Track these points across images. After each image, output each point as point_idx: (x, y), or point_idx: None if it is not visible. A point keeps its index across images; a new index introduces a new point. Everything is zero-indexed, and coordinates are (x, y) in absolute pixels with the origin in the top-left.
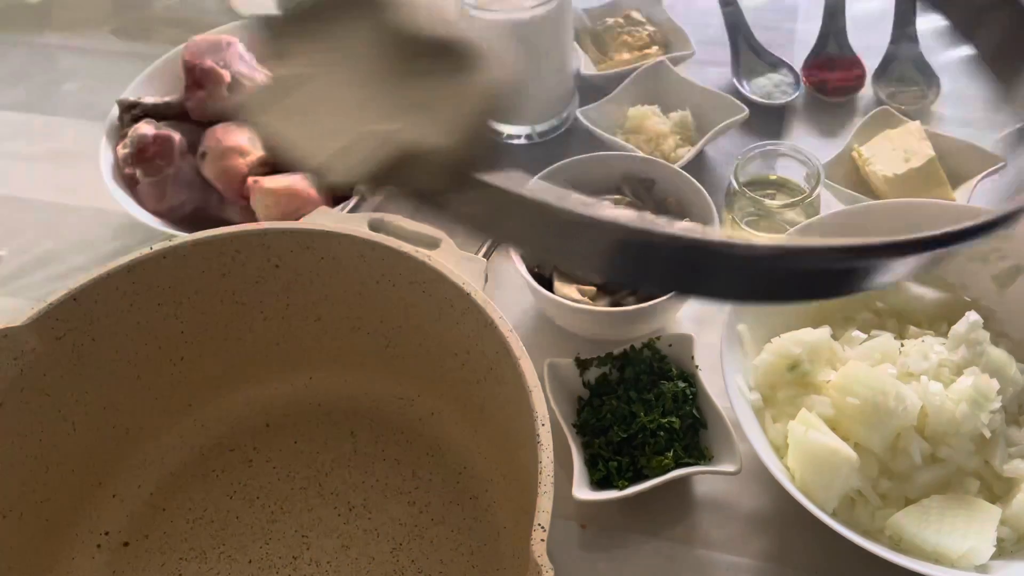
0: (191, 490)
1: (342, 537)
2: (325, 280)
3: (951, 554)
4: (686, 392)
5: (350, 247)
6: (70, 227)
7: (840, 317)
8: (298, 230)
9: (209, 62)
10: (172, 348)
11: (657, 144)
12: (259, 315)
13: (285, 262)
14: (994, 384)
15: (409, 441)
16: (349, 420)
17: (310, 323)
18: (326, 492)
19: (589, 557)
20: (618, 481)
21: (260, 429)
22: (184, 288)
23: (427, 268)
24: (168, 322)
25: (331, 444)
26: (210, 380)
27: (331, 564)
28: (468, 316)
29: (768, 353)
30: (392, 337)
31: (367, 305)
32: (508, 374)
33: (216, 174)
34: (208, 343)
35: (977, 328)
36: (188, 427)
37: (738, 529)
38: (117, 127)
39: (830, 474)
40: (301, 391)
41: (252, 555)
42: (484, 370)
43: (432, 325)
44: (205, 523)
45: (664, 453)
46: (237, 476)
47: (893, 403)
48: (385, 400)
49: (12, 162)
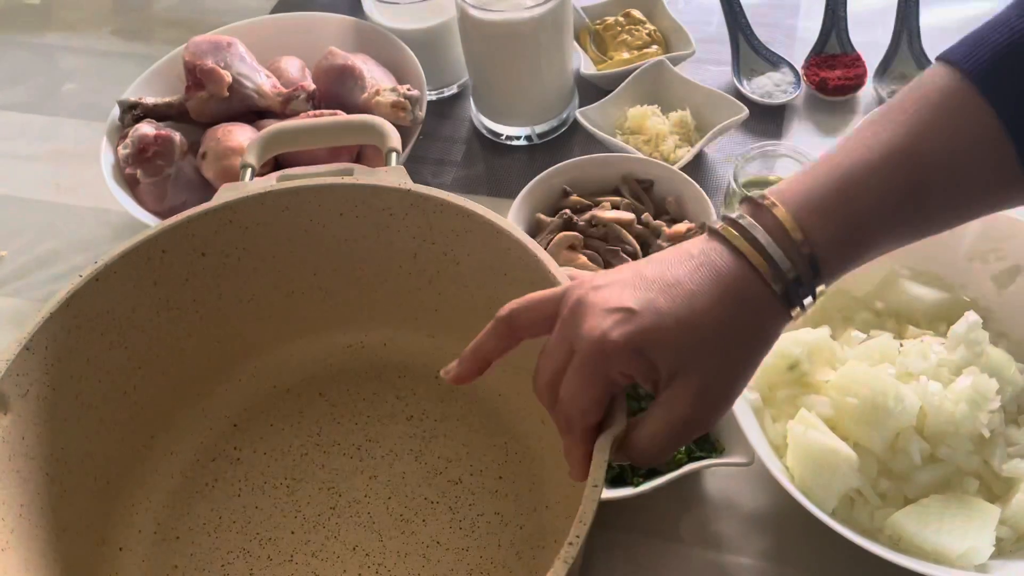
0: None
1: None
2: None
3: (950, 554)
4: None
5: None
6: (70, 227)
7: (839, 317)
8: (220, 206)
9: (210, 62)
10: (123, 379)
11: (657, 144)
12: (195, 316)
13: (211, 247)
14: (993, 384)
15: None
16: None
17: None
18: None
19: (589, 557)
20: (632, 478)
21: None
22: (120, 311)
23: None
24: (114, 352)
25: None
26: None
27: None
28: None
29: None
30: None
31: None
32: None
33: (216, 174)
34: (156, 365)
35: (976, 328)
36: (162, 456)
37: (737, 528)
38: (118, 127)
39: (829, 474)
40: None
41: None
42: None
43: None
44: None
45: None
46: (235, 473)
47: (892, 403)
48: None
49: (12, 162)
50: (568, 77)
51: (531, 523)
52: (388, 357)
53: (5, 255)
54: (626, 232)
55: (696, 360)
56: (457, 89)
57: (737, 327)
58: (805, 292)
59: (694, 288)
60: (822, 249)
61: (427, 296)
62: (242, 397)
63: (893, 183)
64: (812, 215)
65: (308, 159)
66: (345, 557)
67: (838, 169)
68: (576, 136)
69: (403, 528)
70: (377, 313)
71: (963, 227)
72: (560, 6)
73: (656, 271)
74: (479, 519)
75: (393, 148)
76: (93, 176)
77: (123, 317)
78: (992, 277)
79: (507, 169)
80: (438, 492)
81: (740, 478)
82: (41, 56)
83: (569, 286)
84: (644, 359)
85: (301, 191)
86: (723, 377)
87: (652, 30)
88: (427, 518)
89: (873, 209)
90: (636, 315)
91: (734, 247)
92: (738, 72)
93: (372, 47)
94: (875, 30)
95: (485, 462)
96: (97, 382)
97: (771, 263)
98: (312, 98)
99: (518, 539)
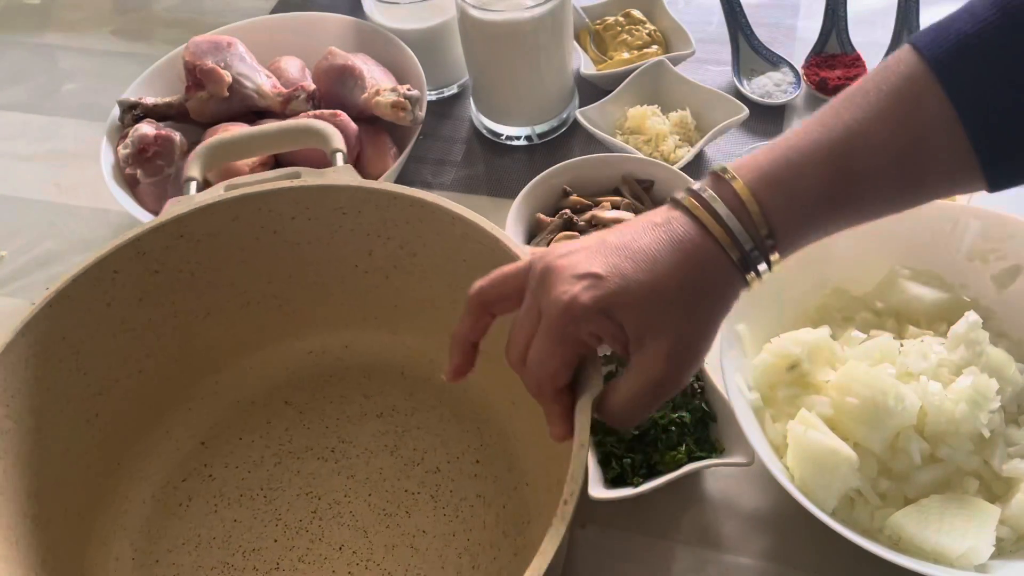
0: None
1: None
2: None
3: (950, 554)
4: (695, 386)
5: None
6: (70, 227)
7: (839, 317)
8: (169, 221)
9: (210, 63)
10: (85, 406)
11: (657, 144)
12: (152, 336)
13: (164, 264)
14: (993, 384)
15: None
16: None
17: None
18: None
19: (588, 557)
20: (632, 478)
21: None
22: (76, 336)
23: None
24: (74, 379)
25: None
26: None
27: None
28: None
29: (767, 353)
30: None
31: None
32: None
33: (216, 174)
34: (117, 389)
35: (976, 328)
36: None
37: (737, 528)
38: (118, 127)
39: (829, 474)
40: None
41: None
42: None
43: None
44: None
45: (677, 448)
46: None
47: (892, 403)
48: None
49: (12, 162)
50: (568, 77)
51: (513, 501)
52: (351, 359)
53: (5, 255)
54: None
55: (661, 322)
56: (457, 89)
57: (698, 291)
58: (760, 260)
59: (657, 255)
60: (776, 221)
61: (385, 293)
62: (207, 414)
63: (834, 167)
64: (767, 189)
65: (303, 161)
66: (332, 558)
67: (793, 149)
68: (576, 136)
69: (387, 522)
70: (335, 316)
71: (963, 227)
72: (560, 6)
73: (621, 239)
74: (462, 504)
75: (337, 149)
76: (93, 176)
77: (80, 342)
78: (992, 277)
79: (507, 169)
80: (417, 483)
81: (740, 478)
82: (41, 56)
83: (535, 257)
84: (612, 321)
85: (250, 198)
86: (688, 337)
87: (652, 30)
88: (410, 509)
89: (814, 189)
90: (603, 280)
91: (695, 217)
92: (738, 72)
93: (372, 47)
94: (875, 30)
95: (461, 448)
96: (60, 411)
97: (729, 233)
98: (312, 98)
99: (502, 518)
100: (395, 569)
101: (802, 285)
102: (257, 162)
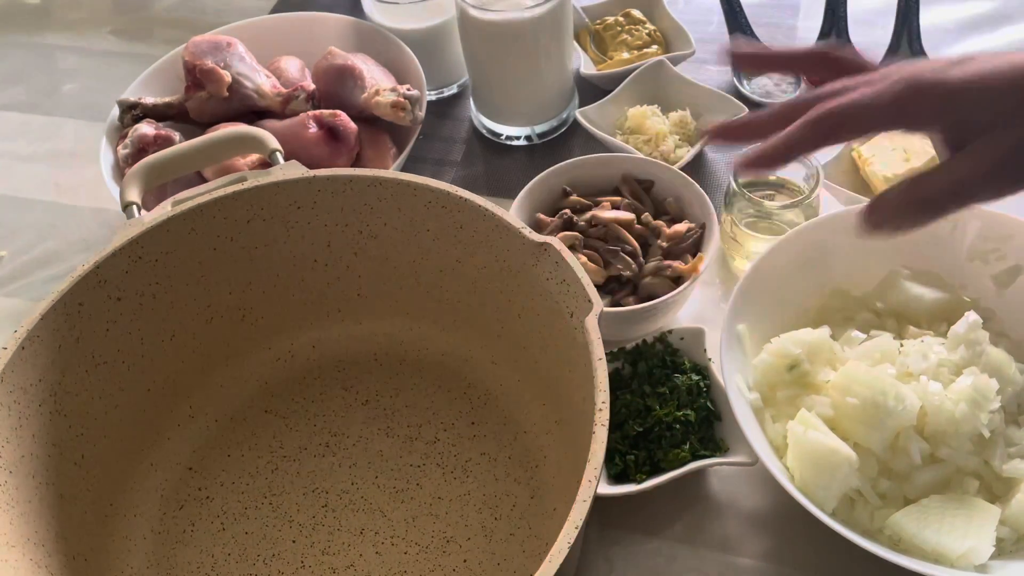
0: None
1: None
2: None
3: (950, 554)
4: (700, 385)
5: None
6: (70, 227)
7: (840, 317)
8: (125, 244)
9: (209, 63)
10: (69, 449)
11: (657, 144)
12: (123, 367)
13: (125, 289)
14: (993, 384)
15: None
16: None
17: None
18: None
19: (588, 557)
20: (636, 475)
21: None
22: (51, 377)
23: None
24: (55, 422)
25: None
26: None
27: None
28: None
29: (767, 353)
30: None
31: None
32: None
33: (216, 175)
34: (96, 428)
35: (976, 328)
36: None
37: (737, 529)
38: (117, 127)
39: (829, 474)
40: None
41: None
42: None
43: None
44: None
45: (680, 446)
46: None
47: (892, 403)
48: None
49: (12, 162)
50: (568, 77)
51: (516, 451)
52: (321, 356)
53: (5, 255)
54: (626, 232)
55: (1018, 116)
56: (457, 89)
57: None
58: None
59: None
60: None
61: (346, 284)
62: (189, 439)
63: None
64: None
65: (311, 164)
66: (355, 543)
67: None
68: (576, 136)
69: (401, 498)
70: (299, 317)
71: (963, 227)
72: (560, 6)
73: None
74: (468, 464)
75: (275, 149)
76: (93, 176)
77: (55, 383)
78: (992, 277)
79: (507, 169)
80: (421, 456)
81: (740, 478)
82: (41, 56)
83: (887, 70)
84: (966, 108)
85: (205, 207)
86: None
87: (652, 30)
88: (420, 481)
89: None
90: (971, 60)
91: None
92: (738, 72)
93: (372, 47)
94: (875, 30)
95: (453, 416)
96: (47, 457)
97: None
98: (312, 98)
99: (511, 468)
100: (420, 538)
101: (802, 285)
102: (256, 162)
